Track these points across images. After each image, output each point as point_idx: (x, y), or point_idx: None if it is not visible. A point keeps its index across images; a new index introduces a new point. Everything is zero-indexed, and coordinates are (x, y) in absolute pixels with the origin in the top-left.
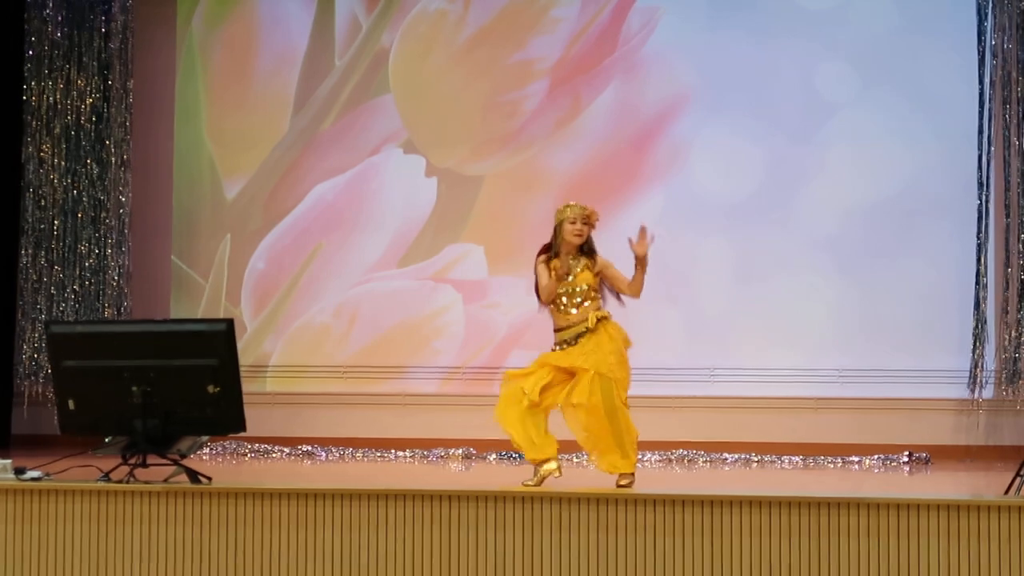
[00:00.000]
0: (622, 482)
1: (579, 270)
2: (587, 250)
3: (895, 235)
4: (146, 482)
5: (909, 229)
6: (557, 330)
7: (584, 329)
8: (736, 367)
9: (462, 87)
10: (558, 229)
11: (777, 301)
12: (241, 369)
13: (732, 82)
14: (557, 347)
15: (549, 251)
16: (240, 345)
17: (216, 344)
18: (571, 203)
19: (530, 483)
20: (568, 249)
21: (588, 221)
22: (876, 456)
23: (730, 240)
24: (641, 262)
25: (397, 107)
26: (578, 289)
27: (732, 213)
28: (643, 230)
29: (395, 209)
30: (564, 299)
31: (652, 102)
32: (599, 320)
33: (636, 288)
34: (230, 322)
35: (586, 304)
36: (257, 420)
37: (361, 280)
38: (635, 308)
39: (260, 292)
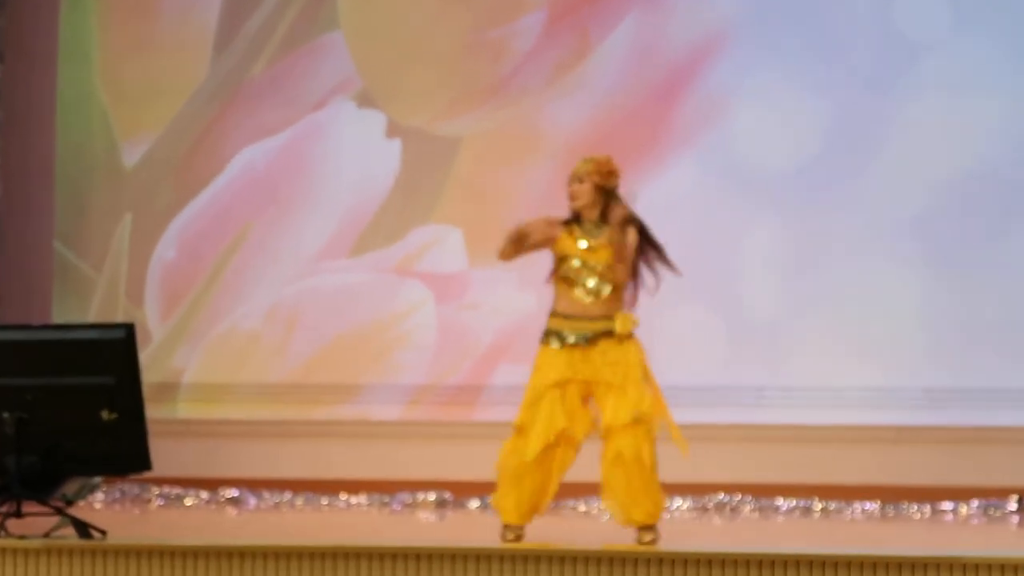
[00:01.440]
0: (646, 538)
1: (599, 242)
2: (616, 217)
3: (1000, 214)
4: (21, 536)
5: (1015, 206)
6: (561, 316)
7: (605, 331)
8: (791, 386)
9: (433, 21)
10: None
11: (845, 301)
12: (145, 389)
13: (786, 14)
14: (555, 341)
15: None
16: (143, 358)
17: (112, 357)
18: (580, 160)
19: (510, 538)
20: (588, 214)
21: (588, 178)
22: (975, 502)
23: (784, 222)
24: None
25: (348, 47)
26: (598, 264)
27: (786, 186)
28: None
29: (346, 180)
30: (575, 277)
31: (680, 41)
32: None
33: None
34: (130, 328)
35: (605, 292)
36: (166, 456)
37: (302, 273)
38: (661, 310)
39: (170, 289)
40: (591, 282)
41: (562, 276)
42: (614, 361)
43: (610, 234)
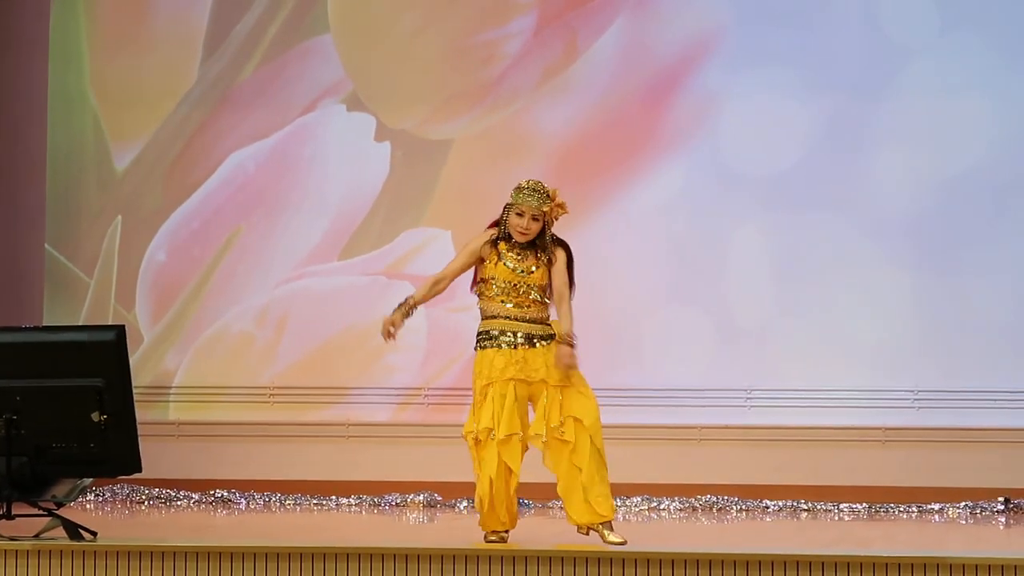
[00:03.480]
0: (614, 538)
1: (530, 265)
2: (543, 244)
3: (987, 216)
4: (12, 538)
5: (1005, 209)
6: (494, 317)
7: (550, 334)
8: (779, 388)
9: (423, 24)
10: (504, 215)
11: (834, 303)
12: (136, 392)
13: (773, 18)
14: (490, 343)
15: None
16: (134, 360)
17: (103, 359)
18: (528, 184)
19: (493, 539)
20: (519, 237)
21: (542, 218)
22: (963, 504)
23: (771, 225)
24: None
25: (338, 51)
26: (530, 286)
27: (775, 189)
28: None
29: (336, 183)
30: (504, 296)
31: (670, 45)
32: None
33: (562, 305)
34: (121, 330)
35: (538, 304)
36: (157, 458)
37: (292, 276)
38: (647, 313)
39: (160, 291)
40: (529, 296)
41: (486, 292)
42: (553, 362)
43: (542, 257)
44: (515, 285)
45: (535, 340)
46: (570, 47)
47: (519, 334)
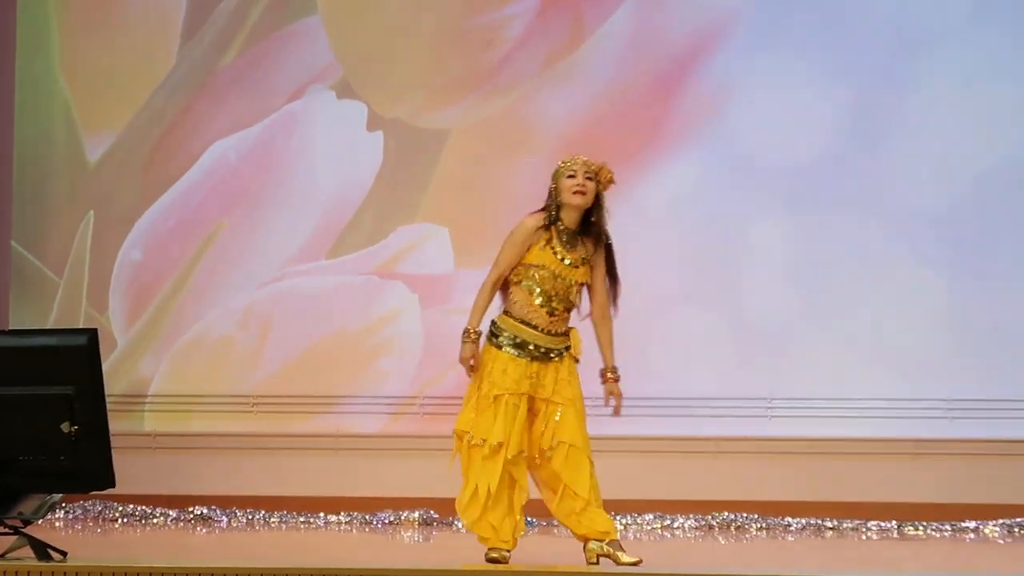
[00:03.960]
0: (628, 559)
1: (579, 258)
2: (596, 232)
3: (1023, 212)
4: None
5: None
6: (521, 322)
7: (563, 349)
8: (802, 397)
9: (419, 5)
10: (554, 190)
11: (859, 305)
12: (109, 400)
13: (794, 1)
14: (511, 348)
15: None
16: (107, 366)
17: (74, 365)
18: (574, 156)
19: (494, 556)
20: (570, 218)
21: (595, 178)
22: (999, 521)
23: (791, 222)
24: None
25: (327, 33)
26: (571, 283)
27: (795, 183)
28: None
29: (325, 176)
30: (541, 287)
31: (682, 28)
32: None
33: (606, 325)
34: (93, 334)
35: (567, 313)
36: (132, 472)
37: (277, 275)
38: (660, 316)
39: (136, 292)
40: (558, 301)
41: (525, 282)
42: (562, 378)
43: (590, 252)
44: (558, 277)
45: (551, 354)
46: (576, 30)
47: (541, 348)
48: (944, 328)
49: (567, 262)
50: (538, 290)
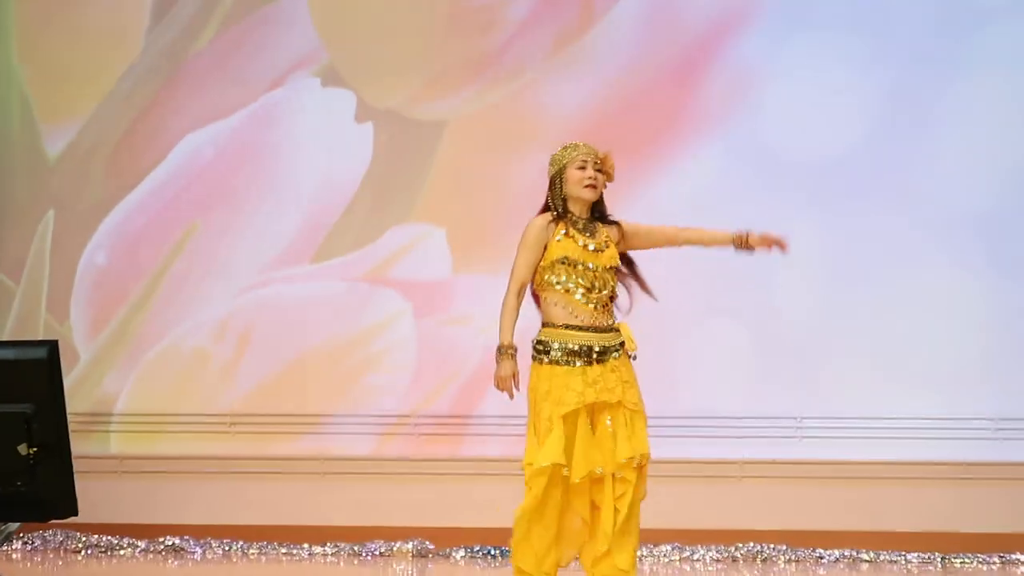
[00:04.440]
0: None
1: (601, 242)
2: (606, 217)
3: None
4: None
5: None
6: (566, 327)
7: (618, 344)
8: (835, 416)
9: None
10: (558, 181)
11: (898, 315)
12: (71, 419)
13: None
14: (564, 359)
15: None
16: (69, 382)
17: (32, 380)
18: (575, 142)
19: None
20: (579, 209)
21: (602, 167)
22: None
23: (823, 222)
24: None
25: (311, 15)
26: (602, 267)
27: (826, 179)
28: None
29: (309, 172)
30: (575, 281)
31: (701, 10)
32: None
33: (703, 244)
34: (53, 346)
35: (611, 302)
36: (97, 498)
37: (257, 282)
38: (678, 327)
39: (101, 300)
40: (598, 291)
41: (557, 281)
42: (626, 380)
43: (609, 233)
44: (588, 265)
45: (609, 353)
46: (585, 11)
47: (595, 348)
48: (993, 339)
49: (591, 247)
50: (573, 285)
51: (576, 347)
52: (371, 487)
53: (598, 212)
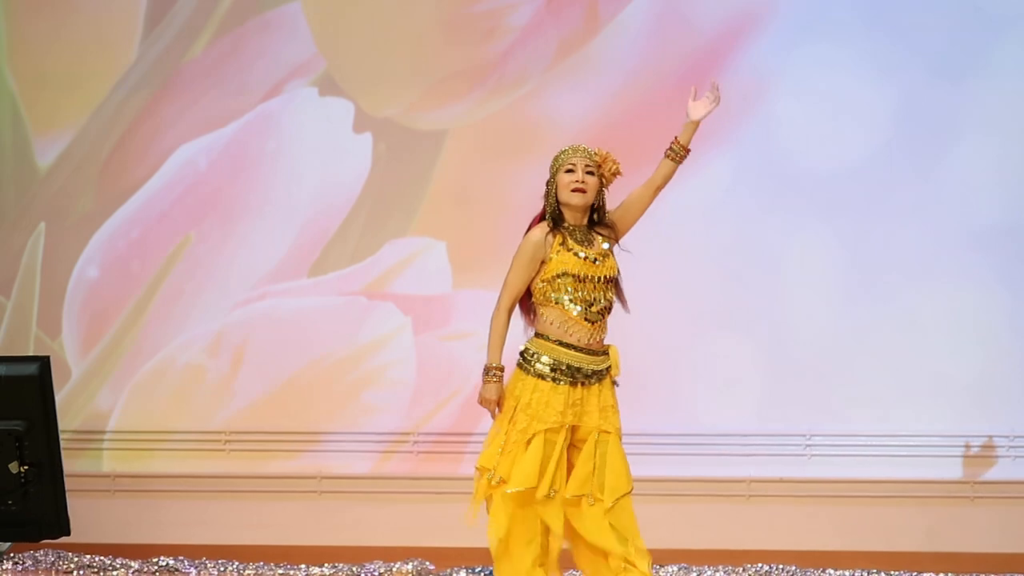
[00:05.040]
0: None
1: (599, 253)
2: (605, 221)
3: None
4: None
5: None
6: (559, 343)
7: (605, 369)
8: (846, 433)
9: None
10: (552, 187)
11: (912, 328)
12: (63, 437)
13: None
14: (551, 375)
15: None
16: (60, 399)
17: (23, 397)
18: (572, 145)
19: None
20: (574, 217)
21: (596, 171)
22: None
23: (837, 233)
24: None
25: (308, 22)
26: (600, 280)
27: (840, 191)
28: (714, 86)
29: (306, 184)
30: (573, 296)
31: (710, 13)
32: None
33: (667, 179)
34: (45, 362)
35: (608, 314)
36: (90, 517)
37: (252, 296)
38: (683, 340)
39: (93, 315)
40: (596, 304)
41: (557, 299)
42: (609, 404)
43: (607, 237)
44: (587, 280)
45: (594, 376)
46: (590, 18)
47: (584, 371)
48: (1009, 352)
49: (591, 259)
50: (571, 301)
51: (565, 366)
52: (370, 506)
53: (596, 217)
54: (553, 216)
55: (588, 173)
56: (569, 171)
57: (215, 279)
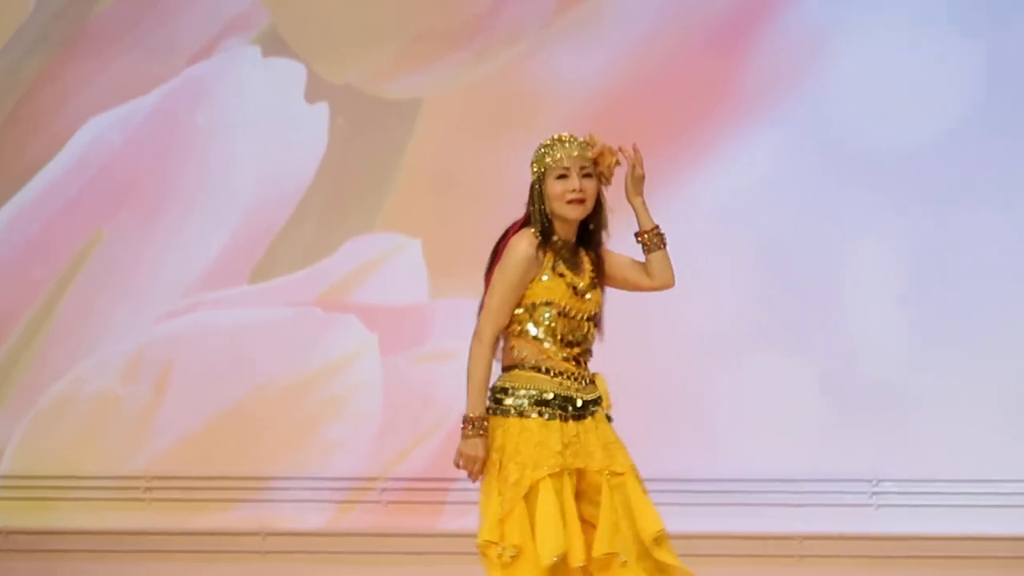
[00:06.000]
0: None
1: (587, 283)
2: (595, 243)
3: None
4: None
5: None
6: (538, 370)
7: (597, 399)
8: (919, 479)
9: None
10: (537, 191)
11: (999, 349)
12: None
13: None
14: (535, 408)
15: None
16: None
17: None
18: (554, 137)
19: None
20: (566, 230)
21: (593, 172)
22: None
23: (906, 223)
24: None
25: None
26: (583, 317)
27: (908, 175)
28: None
29: (246, 166)
30: (553, 332)
31: None
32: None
33: (666, 270)
34: None
35: (589, 350)
36: None
37: (179, 306)
38: (721, 365)
39: None
40: (578, 334)
41: (535, 336)
42: (611, 440)
43: (591, 271)
44: (570, 315)
45: (588, 408)
46: None
47: (574, 401)
48: None
49: (581, 290)
50: (545, 335)
51: (552, 394)
52: (326, 569)
53: (587, 235)
54: (542, 228)
55: (585, 175)
56: (561, 177)
57: (133, 286)
